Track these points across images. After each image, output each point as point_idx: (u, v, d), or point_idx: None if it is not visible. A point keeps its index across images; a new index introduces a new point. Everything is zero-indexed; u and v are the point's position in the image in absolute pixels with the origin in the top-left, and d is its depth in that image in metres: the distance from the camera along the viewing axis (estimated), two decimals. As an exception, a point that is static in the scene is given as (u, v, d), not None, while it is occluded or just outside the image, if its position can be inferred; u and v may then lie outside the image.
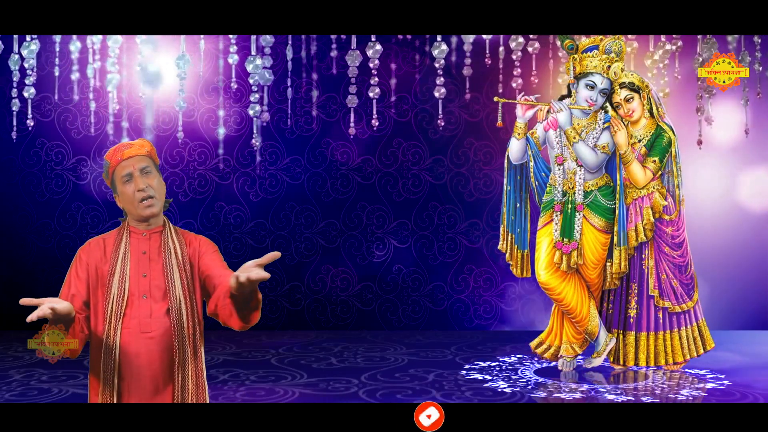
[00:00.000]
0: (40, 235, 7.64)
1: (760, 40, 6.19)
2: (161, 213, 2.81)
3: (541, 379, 5.56)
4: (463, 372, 5.81)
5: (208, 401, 2.85)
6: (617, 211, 5.49)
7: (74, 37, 6.17)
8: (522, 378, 5.60)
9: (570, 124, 5.38)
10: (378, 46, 5.35)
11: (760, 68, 6.23)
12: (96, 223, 7.59)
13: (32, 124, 6.45)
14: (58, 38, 6.49)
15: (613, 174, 5.56)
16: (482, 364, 6.08)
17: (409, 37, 7.29)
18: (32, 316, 2.39)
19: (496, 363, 6.10)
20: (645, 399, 5.07)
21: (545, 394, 5.21)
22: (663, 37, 6.14)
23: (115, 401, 2.66)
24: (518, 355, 6.37)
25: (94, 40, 6.15)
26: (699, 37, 5.98)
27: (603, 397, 5.12)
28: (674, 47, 6.19)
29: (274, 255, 2.47)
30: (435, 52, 5.42)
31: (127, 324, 2.67)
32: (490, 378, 5.61)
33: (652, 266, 5.64)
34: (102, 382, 2.66)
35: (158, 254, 2.76)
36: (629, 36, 6.05)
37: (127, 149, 2.76)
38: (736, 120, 7.01)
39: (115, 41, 5.78)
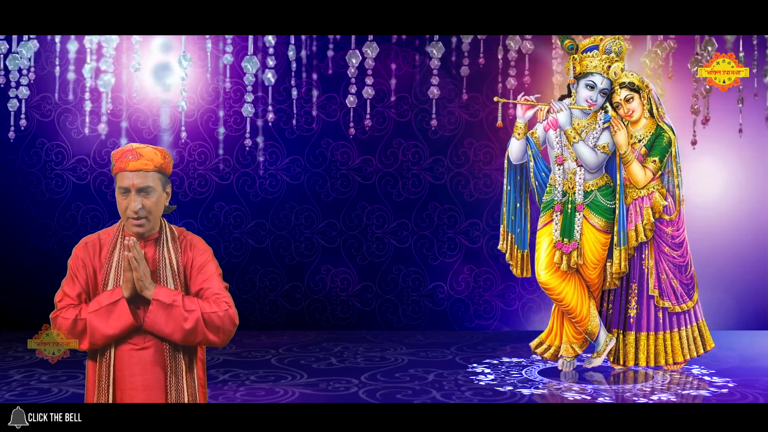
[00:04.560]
0: (40, 235, 7.63)
1: (756, 40, 6.18)
2: (155, 227, 2.73)
3: (537, 379, 5.56)
4: (472, 377, 5.81)
5: None
6: (617, 211, 5.48)
7: (72, 36, 6.16)
8: (520, 378, 5.61)
9: (570, 124, 5.38)
10: (375, 45, 5.35)
11: (757, 66, 6.21)
12: (96, 223, 7.59)
13: (25, 124, 6.45)
14: (57, 38, 6.48)
15: (613, 174, 5.55)
16: (485, 362, 6.08)
17: (410, 36, 7.28)
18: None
19: (497, 362, 6.10)
20: (644, 399, 5.06)
21: (543, 393, 5.21)
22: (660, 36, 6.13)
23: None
24: (518, 357, 6.37)
25: (93, 40, 6.15)
26: (697, 37, 5.97)
27: (602, 397, 5.12)
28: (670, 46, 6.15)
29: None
30: (434, 51, 5.42)
31: None
32: (489, 377, 5.61)
33: (652, 266, 5.64)
34: (97, 389, 2.65)
35: (152, 263, 2.70)
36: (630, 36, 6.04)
37: (133, 160, 2.61)
38: (734, 119, 7.00)
39: (113, 40, 5.78)
